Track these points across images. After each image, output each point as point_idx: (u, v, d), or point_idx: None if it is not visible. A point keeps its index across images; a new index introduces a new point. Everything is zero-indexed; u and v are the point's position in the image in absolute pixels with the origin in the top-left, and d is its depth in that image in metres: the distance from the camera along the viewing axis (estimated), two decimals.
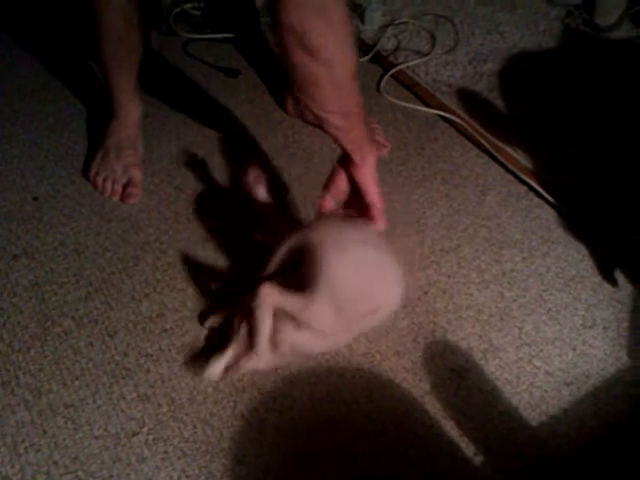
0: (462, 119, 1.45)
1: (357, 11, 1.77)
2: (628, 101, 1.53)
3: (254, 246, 1.16)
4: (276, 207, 1.12)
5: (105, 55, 1.23)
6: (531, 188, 1.30)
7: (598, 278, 1.15)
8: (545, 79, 1.59)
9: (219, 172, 1.32)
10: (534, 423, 0.96)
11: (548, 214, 1.26)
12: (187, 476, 0.89)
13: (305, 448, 0.93)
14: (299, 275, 0.91)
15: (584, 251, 1.19)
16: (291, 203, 1.25)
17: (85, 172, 1.30)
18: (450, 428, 0.95)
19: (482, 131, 1.43)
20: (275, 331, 0.89)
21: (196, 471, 0.90)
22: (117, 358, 1.01)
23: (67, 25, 1.67)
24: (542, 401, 0.98)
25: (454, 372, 1.02)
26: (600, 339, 1.06)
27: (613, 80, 1.59)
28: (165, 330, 1.05)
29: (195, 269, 1.14)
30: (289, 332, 0.89)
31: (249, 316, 0.90)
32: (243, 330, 0.92)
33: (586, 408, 0.98)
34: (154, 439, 0.92)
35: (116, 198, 1.26)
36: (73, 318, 1.06)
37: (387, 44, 1.70)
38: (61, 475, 0.88)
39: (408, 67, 1.61)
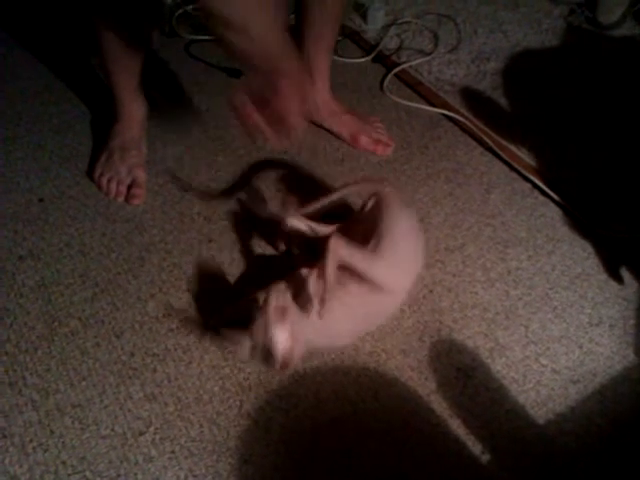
0: (466, 118, 1.45)
1: (360, 10, 1.78)
2: (631, 98, 1.53)
3: (259, 247, 1.17)
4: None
5: (107, 55, 1.23)
6: (535, 186, 1.30)
7: (604, 276, 1.15)
8: (548, 77, 1.59)
9: (222, 172, 1.32)
10: (541, 421, 0.96)
11: (553, 212, 1.26)
12: (194, 475, 0.89)
13: (311, 447, 0.93)
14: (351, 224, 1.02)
15: (589, 249, 1.19)
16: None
17: (89, 173, 1.30)
18: (456, 427, 0.95)
19: (486, 129, 1.43)
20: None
21: (203, 470, 0.90)
22: (124, 358, 1.01)
23: (69, 25, 1.68)
24: (549, 399, 0.98)
25: (460, 371, 1.02)
26: (606, 337, 1.06)
27: (616, 78, 1.59)
28: (171, 330, 1.05)
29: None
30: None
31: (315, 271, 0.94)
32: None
33: (593, 406, 0.97)
34: (161, 438, 0.93)
35: (121, 199, 1.26)
36: (79, 319, 1.06)
37: (390, 43, 1.70)
38: (69, 475, 0.88)
39: (411, 66, 1.62)
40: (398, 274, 0.97)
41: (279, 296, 0.91)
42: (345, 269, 0.91)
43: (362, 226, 1.00)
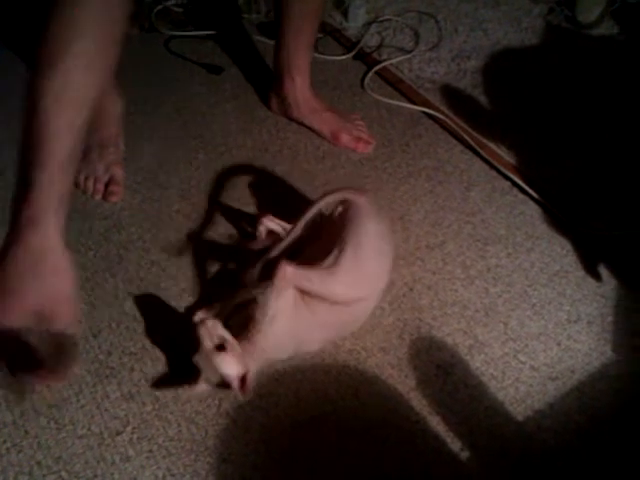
0: (446, 116, 1.45)
1: (341, 8, 1.77)
2: (610, 97, 1.54)
3: (237, 245, 1.17)
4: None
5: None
6: (515, 184, 1.31)
7: (582, 273, 1.16)
8: (528, 75, 1.60)
9: (202, 170, 1.31)
10: (520, 418, 0.96)
11: (532, 210, 1.26)
12: (172, 475, 0.88)
13: (291, 446, 0.92)
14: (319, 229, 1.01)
15: (568, 246, 1.20)
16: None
17: None
18: (436, 424, 0.95)
19: (466, 127, 1.43)
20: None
21: (181, 470, 0.89)
22: (101, 357, 1.00)
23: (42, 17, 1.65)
24: (527, 396, 0.99)
25: (440, 368, 1.02)
26: (584, 334, 1.07)
27: (595, 76, 1.60)
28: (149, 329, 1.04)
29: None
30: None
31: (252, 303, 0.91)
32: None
33: (571, 403, 0.98)
34: (138, 438, 0.91)
35: (98, 197, 1.25)
36: None
37: (371, 41, 1.70)
38: (44, 475, 0.87)
39: (392, 64, 1.62)
40: (360, 287, 0.95)
41: (212, 331, 0.87)
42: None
43: (330, 232, 0.99)
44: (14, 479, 0.86)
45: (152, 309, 1.07)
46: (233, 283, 1.03)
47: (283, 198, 1.26)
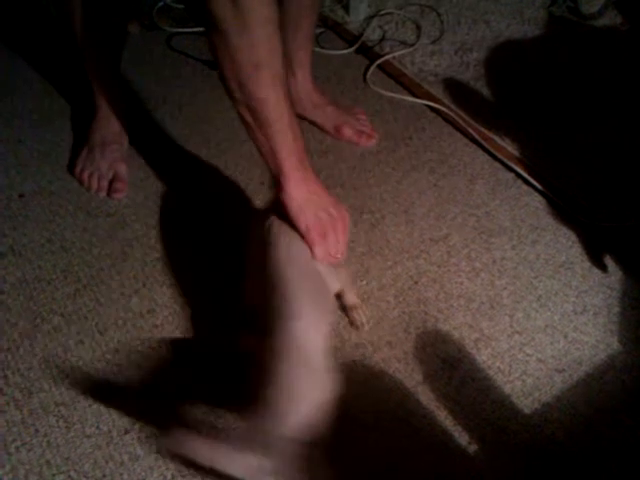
0: (449, 108, 1.45)
1: (342, 2, 1.76)
2: (613, 88, 1.53)
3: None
4: None
5: (85, 48, 1.23)
6: (519, 176, 1.31)
7: (588, 264, 1.16)
8: (530, 67, 1.59)
9: (206, 166, 1.31)
10: (527, 411, 0.96)
11: (536, 201, 1.26)
12: (182, 475, 0.88)
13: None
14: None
15: (573, 237, 1.20)
16: None
17: (71, 168, 1.29)
18: (443, 418, 0.95)
19: (469, 120, 1.43)
20: None
21: (191, 470, 0.89)
22: (108, 356, 1.00)
23: (48, 19, 1.65)
24: (534, 389, 0.98)
25: (446, 362, 1.02)
26: (591, 325, 1.06)
27: (598, 67, 1.59)
28: (156, 326, 1.04)
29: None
30: None
31: None
32: None
33: (578, 395, 0.98)
34: (147, 437, 0.91)
35: (102, 194, 1.25)
36: (62, 315, 1.05)
37: (373, 35, 1.70)
38: (53, 475, 0.87)
39: (394, 57, 1.61)
40: None
41: None
42: None
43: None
44: (24, 477, 0.86)
45: (158, 306, 1.07)
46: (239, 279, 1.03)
47: None
